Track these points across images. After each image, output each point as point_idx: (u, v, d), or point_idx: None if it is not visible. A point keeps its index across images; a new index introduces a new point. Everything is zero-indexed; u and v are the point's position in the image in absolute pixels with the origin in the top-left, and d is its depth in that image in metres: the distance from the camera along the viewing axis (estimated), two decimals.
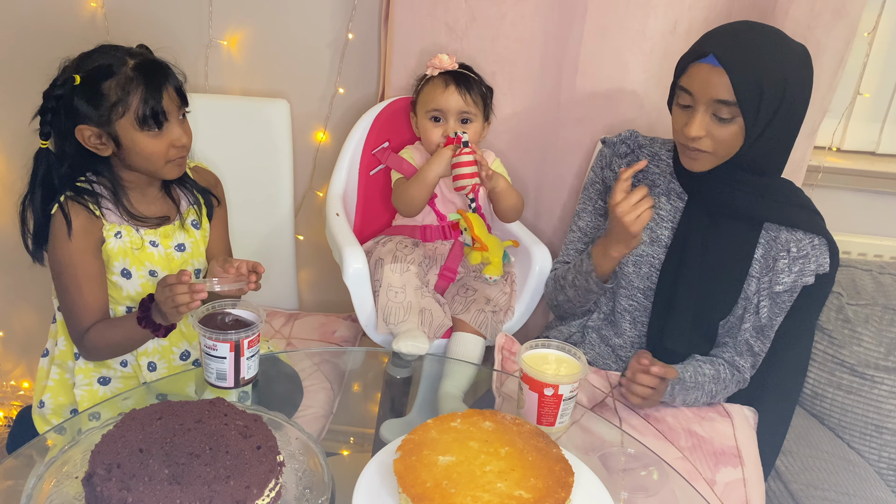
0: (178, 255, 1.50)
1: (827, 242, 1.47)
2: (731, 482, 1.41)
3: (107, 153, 1.39)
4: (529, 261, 1.73)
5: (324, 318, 1.93)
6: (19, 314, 2.28)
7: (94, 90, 1.34)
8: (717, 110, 1.35)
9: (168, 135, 1.38)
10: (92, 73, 1.34)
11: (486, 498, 0.98)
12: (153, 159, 1.39)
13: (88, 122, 1.35)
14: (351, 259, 1.61)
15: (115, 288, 1.46)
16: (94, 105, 1.34)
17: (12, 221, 2.20)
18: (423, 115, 1.72)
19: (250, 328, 1.28)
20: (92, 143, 1.37)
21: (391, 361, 1.56)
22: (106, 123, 1.35)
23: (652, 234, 1.53)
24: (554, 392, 1.20)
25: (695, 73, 1.36)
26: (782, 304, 1.49)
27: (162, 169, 1.41)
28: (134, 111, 1.33)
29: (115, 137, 1.36)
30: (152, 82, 1.34)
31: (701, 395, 1.51)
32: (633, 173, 1.46)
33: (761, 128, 1.35)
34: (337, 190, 1.81)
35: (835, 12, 1.66)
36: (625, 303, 1.58)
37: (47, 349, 1.54)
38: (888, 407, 1.72)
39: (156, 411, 1.09)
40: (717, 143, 1.37)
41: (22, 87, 2.03)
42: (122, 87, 1.33)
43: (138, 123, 1.34)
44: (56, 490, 1.04)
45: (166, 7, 1.93)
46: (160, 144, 1.37)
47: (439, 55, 1.72)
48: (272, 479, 1.00)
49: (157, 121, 1.35)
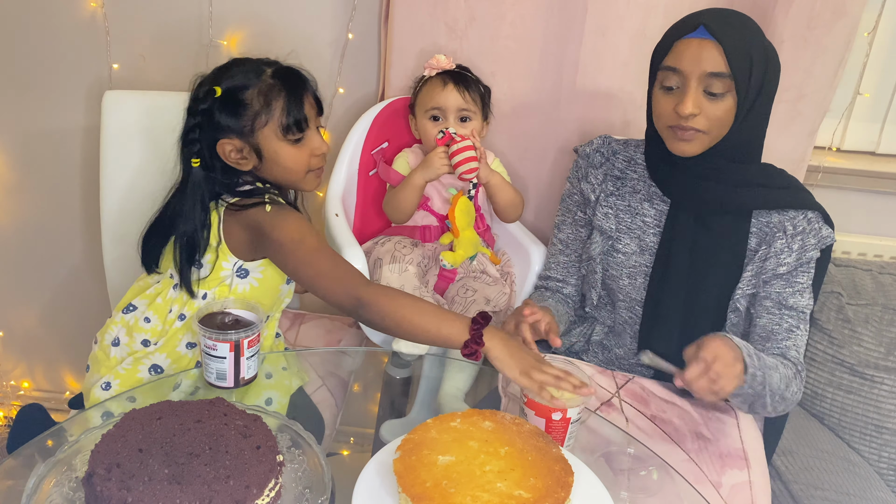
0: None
1: (821, 214, 1.44)
2: (737, 485, 1.39)
3: (247, 167, 1.38)
4: (529, 261, 1.73)
5: (329, 322, 1.91)
6: (19, 314, 2.28)
7: (235, 101, 1.33)
8: (710, 85, 1.32)
9: (308, 143, 1.37)
10: (233, 84, 1.34)
11: (486, 498, 0.98)
12: (295, 169, 1.38)
13: (230, 134, 1.34)
14: (350, 259, 1.61)
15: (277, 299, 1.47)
16: (236, 116, 1.33)
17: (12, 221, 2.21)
18: (423, 114, 1.72)
19: (250, 328, 1.28)
20: (233, 158, 1.36)
21: (391, 361, 1.56)
22: (249, 134, 1.34)
23: (641, 243, 1.51)
24: (562, 416, 1.17)
25: (683, 49, 1.33)
26: (796, 280, 1.43)
27: (302, 180, 1.40)
28: (277, 119, 1.33)
29: (257, 149, 1.35)
30: (294, 89, 1.34)
31: (780, 381, 1.35)
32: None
33: (750, 102, 1.34)
34: (336, 190, 1.81)
35: (835, 12, 1.66)
36: (624, 315, 1.56)
37: (118, 338, 1.47)
38: (888, 407, 1.72)
39: (156, 411, 1.09)
40: (710, 122, 1.35)
41: (22, 88, 2.04)
42: (264, 96, 1.33)
43: (282, 131, 1.34)
44: (56, 490, 1.04)
45: (166, 7, 1.93)
46: (302, 154, 1.37)
47: (437, 56, 1.72)
48: (272, 479, 1.00)
49: (299, 128, 1.34)
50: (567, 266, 1.63)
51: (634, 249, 1.51)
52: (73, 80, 2.00)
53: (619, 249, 1.52)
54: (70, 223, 2.15)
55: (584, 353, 1.63)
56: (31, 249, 2.17)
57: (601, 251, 1.54)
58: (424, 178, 1.68)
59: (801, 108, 1.76)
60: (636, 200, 1.52)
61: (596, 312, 1.61)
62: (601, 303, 1.60)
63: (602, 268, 1.55)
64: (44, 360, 2.34)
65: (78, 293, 2.20)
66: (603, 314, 1.60)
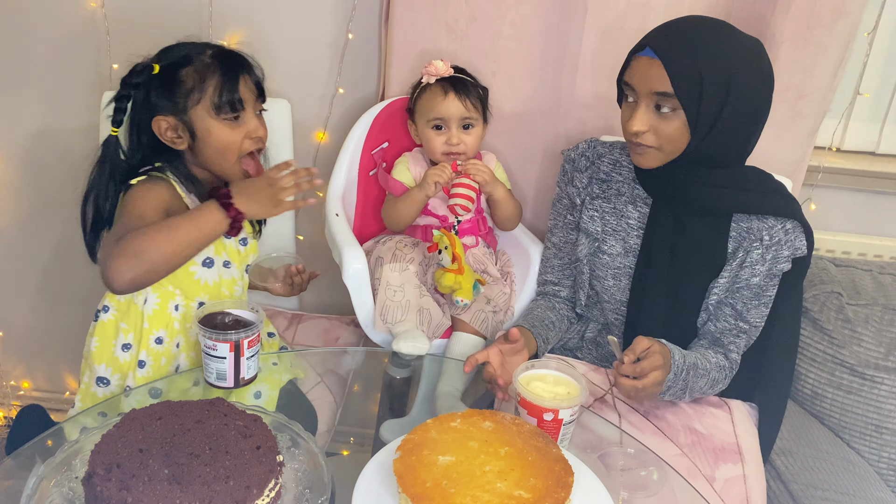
0: (242, 248, 1.50)
1: (801, 224, 1.45)
2: (732, 478, 1.41)
3: (182, 146, 1.37)
4: (529, 261, 1.73)
5: (327, 322, 1.92)
6: (19, 314, 2.28)
7: (171, 78, 1.33)
8: (658, 103, 1.35)
9: (244, 125, 1.36)
10: (172, 62, 1.34)
11: (486, 498, 0.98)
12: (227, 152, 1.36)
13: (165, 112, 1.35)
14: (351, 259, 1.61)
15: (192, 280, 1.43)
16: (171, 93, 1.33)
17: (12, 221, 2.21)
18: (425, 124, 1.71)
19: (250, 328, 1.28)
20: (168, 136, 1.36)
21: (391, 361, 1.56)
22: (182, 111, 1.34)
23: (625, 245, 1.52)
24: (554, 417, 1.17)
25: (635, 67, 1.37)
26: (764, 293, 1.46)
27: (235, 166, 1.39)
28: (210, 97, 1.33)
29: (191, 127, 1.35)
30: (230, 69, 1.33)
31: (706, 384, 1.46)
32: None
33: (710, 122, 1.34)
34: (336, 190, 1.82)
35: (835, 12, 1.66)
36: (611, 316, 1.58)
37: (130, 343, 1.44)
38: (888, 407, 1.72)
39: (156, 411, 1.09)
40: (661, 139, 1.37)
41: (22, 88, 2.04)
42: (198, 73, 1.33)
43: (214, 109, 1.33)
44: (56, 490, 1.04)
45: (166, 7, 1.93)
46: (235, 135, 1.36)
47: (434, 62, 1.70)
48: (272, 480, 1.00)
49: (232, 107, 1.33)
50: (562, 269, 1.64)
51: (619, 251, 1.53)
52: (73, 80, 2.00)
53: (604, 251, 1.54)
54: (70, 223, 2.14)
55: (579, 350, 1.65)
56: (31, 249, 2.17)
57: (587, 253, 1.56)
58: (427, 194, 1.68)
59: (801, 108, 1.76)
60: (621, 203, 1.53)
61: (587, 312, 1.63)
62: (590, 302, 1.61)
63: (589, 269, 1.57)
64: (44, 360, 2.34)
65: (78, 293, 2.20)
66: (595, 313, 1.62)
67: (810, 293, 1.82)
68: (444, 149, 1.70)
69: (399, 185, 1.75)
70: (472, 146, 1.71)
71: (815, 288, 1.83)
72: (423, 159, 1.78)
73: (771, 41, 1.69)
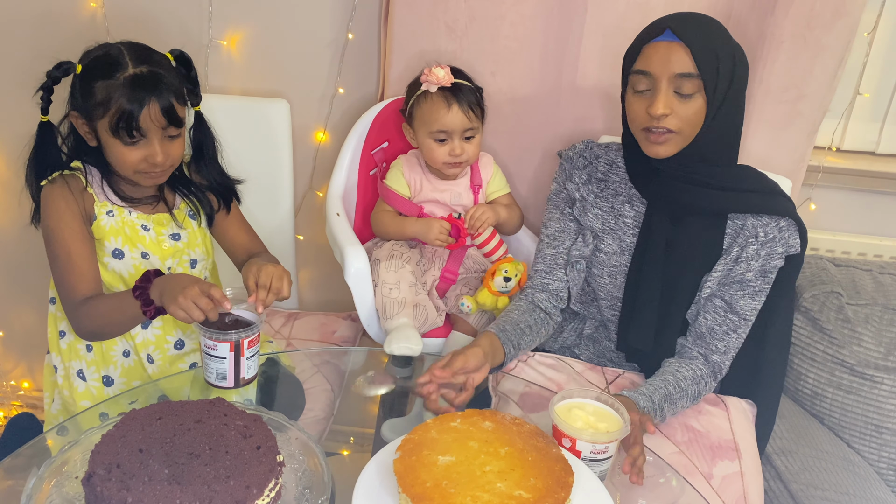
0: (171, 243, 1.50)
1: (795, 222, 1.46)
2: (729, 475, 1.41)
3: (93, 143, 1.41)
4: (529, 261, 1.73)
5: (323, 317, 1.93)
6: (19, 314, 2.28)
7: (86, 85, 1.36)
8: (679, 86, 1.36)
9: (143, 149, 1.37)
10: (93, 68, 1.36)
11: (486, 498, 0.98)
12: (122, 166, 1.40)
13: (79, 111, 1.39)
14: (353, 259, 1.61)
15: (107, 271, 1.46)
16: (84, 97, 1.37)
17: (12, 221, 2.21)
18: (426, 134, 1.70)
19: (250, 328, 1.28)
20: (82, 130, 1.41)
21: (391, 361, 1.56)
22: (90, 118, 1.37)
23: (621, 244, 1.53)
24: (572, 445, 1.15)
25: (652, 53, 1.38)
26: (756, 287, 1.46)
27: (132, 176, 1.42)
28: (110, 117, 1.34)
29: (97, 134, 1.39)
30: (135, 98, 1.33)
31: (687, 401, 1.47)
32: None
33: (719, 101, 1.37)
34: (337, 190, 1.82)
35: (835, 12, 1.66)
36: (607, 313, 1.58)
37: (65, 330, 1.53)
38: (888, 407, 1.72)
39: (156, 411, 1.09)
40: (682, 121, 1.38)
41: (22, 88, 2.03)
42: (107, 91, 1.34)
43: (111, 131, 1.35)
44: (56, 490, 1.04)
45: (166, 7, 1.93)
46: (132, 155, 1.37)
47: (433, 69, 1.67)
48: (272, 479, 1.00)
49: (129, 133, 1.35)
50: (554, 258, 1.61)
51: (615, 249, 1.53)
52: None
53: (601, 249, 1.55)
54: None
55: (576, 347, 1.66)
56: (31, 249, 2.17)
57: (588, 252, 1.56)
58: (415, 233, 1.70)
59: (801, 108, 1.76)
60: (618, 202, 1.54)
61: (584, 309, 1.63)
62: (587, 299, 1.62)
63: (586, 266, 1.57)
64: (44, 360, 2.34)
65: None
66: (592, 310, 1.62)
67: (810, 293, 1.82)
68: (448, 160, 1.69)
69: (392, 194, 1.75)
70: (474, 154, 1.72)
71: (814, 288, 1.83)
72: (419, 164, 1.77)
73: (771, 41, 1.69)
